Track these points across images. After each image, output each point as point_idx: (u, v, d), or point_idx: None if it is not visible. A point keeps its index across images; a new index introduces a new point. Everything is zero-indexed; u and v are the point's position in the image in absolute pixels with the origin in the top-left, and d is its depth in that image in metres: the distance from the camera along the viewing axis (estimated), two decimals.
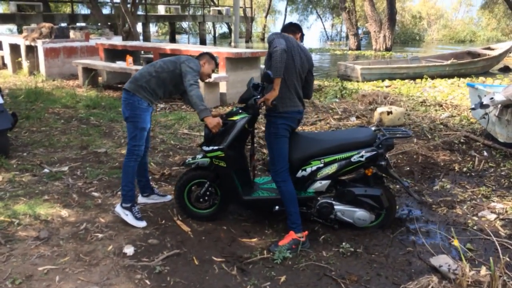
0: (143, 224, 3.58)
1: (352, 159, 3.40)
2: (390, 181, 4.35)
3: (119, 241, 3.33)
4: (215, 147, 3.39)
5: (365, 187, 3.50)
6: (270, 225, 3.65)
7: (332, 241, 3.43)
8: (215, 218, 3.70)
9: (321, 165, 3.43)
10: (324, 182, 3.46)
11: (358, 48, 24.50)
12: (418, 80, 11.91)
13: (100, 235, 3.40)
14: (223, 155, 3.39)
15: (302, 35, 3.62)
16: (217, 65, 3.74)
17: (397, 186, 4.54)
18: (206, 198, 3.61)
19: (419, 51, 24.86)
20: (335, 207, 3.48)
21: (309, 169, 3.44)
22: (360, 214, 3.48)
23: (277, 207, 3.48)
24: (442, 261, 3.05)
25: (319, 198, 3.51)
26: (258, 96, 3.32)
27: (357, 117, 7.00)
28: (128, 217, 3.59)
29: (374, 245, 3.39)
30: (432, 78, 12.20)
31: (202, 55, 3.74)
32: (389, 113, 6.53)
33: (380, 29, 22.26)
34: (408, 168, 4.98)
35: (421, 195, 4.34)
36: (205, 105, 3.39)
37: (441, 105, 8.17)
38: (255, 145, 5.56)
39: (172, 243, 3.34)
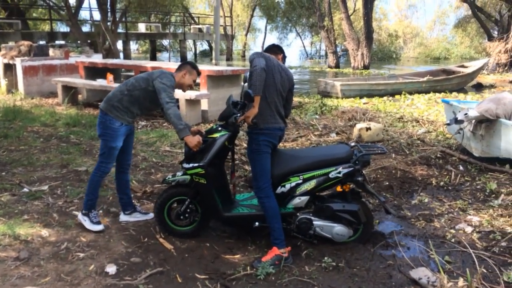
0: (99, 227, 3.72)
1: (330, 175, 3.48)
2: (369, 196, 4.43)
3: (101, 260, 3.30)
4: (195, 164, 3.43)
5: (343, 202, 3.58)
6: (253, 241, 3.67)
7: (314, 256, 3.47)
8: (196, 235, 3.70)
9: (300, 181, 3.49)
10: (303, 198, 3.52)
11: (337, 65, 24.94)
12: (397, 97, 12.20)
13: (81, 255, 3.37)
14: (203, 172, 3.42)
15: (284, 56, 3.74)
16: (199, 74, 3.76)
17: (376, 201, 4.62)
18: (187, 215, 3.62)
19: (396, 68, 25.45)
20: (314, 222, 3.53)
21: (288, 185, 3.50)
22: (339, 229, 3.54)
23: (257, 223, 3.52)
24: (421, 273, 3.12)
25: (298, 214, 3.56)
26: (238, 114, 3.39)
27: (337, 133, 7.12)
28: (86, 222, 3.73)
29: (356, 259, 3.44)
30: (411, 94, 12.52)
31: (183, 65, 3.74)
32: (367, 129, 6.67)
33: (358, 47, 22.74)
34: (387, 183, 5.08)
35: (400, 210, 4.43)
36: (183, 123, 3.41)
37: (418, 121, 8.38)
38: (237, 162, 5.61)
39: (155, 261, 3.33)
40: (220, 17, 24.28)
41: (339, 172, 3.47)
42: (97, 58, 12.21)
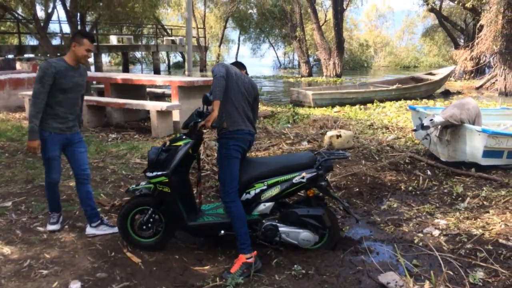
0: (54, 227, 3.91)
1: (293, 181, 3.51)
2: (335, 202, 4.46)
3: (65, 277, 3.21)
4: (159, 173, 3.40)
5: (307, 207, 3.61)
6: (222, 251, 3.64)
7: (284, 264, 3.46)
8: (160, 247, 3.64)
9: (265, 187, 3.51)
10: (268, 204, 3.53)
11: (310, 75, 25.24)
12: (369, 105, 12.40)
13: (44, 272, 3.26)
14: (167, 180, 3.39)
15: (246, 72, 3.76)
16: (92, 41, 3.63)
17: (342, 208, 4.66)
18: (150, 225, 3.57)
19: (368, 77, 25.91)
20: (279, 229, 3.54)
21: (253, 192, 3.51)
22: (305, 235, 3.55)
23: (223, 232, 3.50)
24: (390, 278, 3.14)
25: (264, 220, 3.56)
26: (199, 120, 3.39)
27: (309, 141, 7.17)
28: (47, 224, 3.96)
29: (325, 266, 3.44)
30: (381, 102, 12.75)
31: (73, 36, 3.67)
32: (338, 136, 6.74)
33: (330, 57, 23.10)
34: (357, 189, 5.13)
35: (369, 215, 4.48)
36: (34, 125, 3.54)
37: (388, 128, 8.52)
38: (209, 172, 5.58)
39: (121, 276, 3.25)
40: (193, 28, 24.32)
41: (303, 177, 3.51)
42: None
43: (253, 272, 3.25)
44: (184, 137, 3.47)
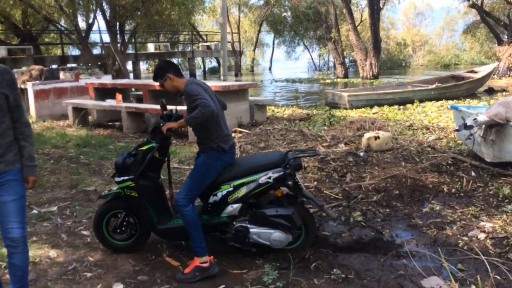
0: None
1: (260, 181, 3.47)
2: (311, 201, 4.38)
3: (108, 280, 3.29)
4: (126, 178, 3.45)
5: (276, 207, 3.54)
6: (260, 255, 3.63)
7: (323, 268, 3.41)
8: (136, 249, 3.70)
9: (231, 188, 3.47)
10: (235, 205, 3.49)
11: (346, 76, 24.94)
12: (408, 105, 12.09)
13: (88, 274, 3.37)
14: (134, 185, 3.43)
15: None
16: None
17: (386, 210, 4.56)
18: (124, 228, 3.61)
19: (406, 76, 25.33)
20: (250, 230, 3.50)
21: (219, 194, 3.48)
22: (276, 235, 3.49)
23: None
24: (433, 282, 3.05)
25: (234, 222, 3.53)
26: (161, 124, 3.43)
27: (346, 144, 7.07)
28: None
29: (366, 270, 3.37)
30: (421, 102, 12.41)
31: None
32: (376, 138, 6.61)
33: (366, 57, 22.74)
34: (397, 192, 5.00)
35: (410, 218, 4.36)
36: None
37: (428, 128, 8.28)
38: None
39: (162, 279, 3.31)
40: (228, 33, 24.53)
41: (270, 177, 3.46)
42: (107, 79, 12.37)
43: (211, 275, 3.29)
44: (151, 140, 3.49)
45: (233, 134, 8.20)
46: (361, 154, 6.32)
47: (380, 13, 24.27)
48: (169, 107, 3.72)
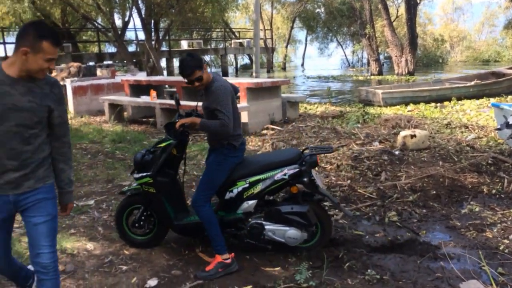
0: None
1: (275, 178, 3.44)
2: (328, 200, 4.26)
3: (142, 273, 3.35)
4: (144, 174, 3.49)
5: (292, 204, 3.50)
6: (293, 253, 3.61)
7: (357, 268, 3.36)
8: (155, 244, 3.75)
9: (247, 185, 3.46)
10: (251, 202, 3.48)
11: (380, 73, 24.48)
12: (445, 103, 11.74)
13: (124, 267, 3.43)
14: (152, 181, 3.47)
15: None
16: (57, 43, 2.19)
17: (422, 211, 4.44)
18: (142, 223, 3.66)
19: (443, 73, 24.65)
20: (265, 227, 3.47)
21: (235, 190, 3.47)
22: (291, 232, 3.45)
23: None
24: (472, 286, 2.96)
25: (250, 219, 3.52)
26: (176, 120, 3.44)
27: (380, 142, 6.93)
28: None
29: (401, 271, 3.30)
30: (459, 99, 12.04)
31: (24, 34, 2.16)
32: (412, 136, 6.45)
33: (402, 54, 22.25)
34: (434, 192, 4.87)
35: (448, 219, 4.23)
36: None
37: (467, 127, 8.02)
38: None
39: (195, 274, 3.33)
40: (260, 30, 24.55)
41: (285, 174, 3.44)
42: (142, 76, 12.60)
43: (229, 273, 3.28)
44: (168, 138, 3.52)
45: (265, 131, 8.20)
46: (397, 152, 6.18)
47: (417, 8, 23.65)
48: (186, 103, 3.75)
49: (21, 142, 2.22)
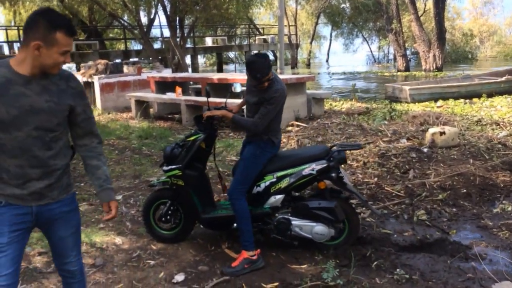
0: None
1: (303, 173, 3.43)
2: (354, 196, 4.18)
3: (170, 268, 3.38)
4: (173, 166, 3.52)
5: (319, 200, 3.48)
6: (320, 251, 3.58)
7: (385, 267, 3.31)
8: (181, 238, 3.77)
9: (274, 179, 3.46)
10: (278, 197, 3.48)
11: (407, 69, 24.06)
12: (475, 99, 11.44)
13: (152, 262, 3.47)
14: (181, 174, 3.50)
15: None
16: (72, 32, 1.92)
17: (452, 209, 4.34)
18: (168, 217, 3.68)
19: (472, 69, 24.04)
20: (292, 222, 3.46)
21: (263, 185, 3.48)
22: (318, 228, 3.43)
23: (235, 225, 3.50)
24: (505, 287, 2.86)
25: (276, 214, 3.51)
26: (205, 112, 3.48)
27: (408, 139, 6.80)
28: None
29: (431, 271, 3.23)
30: (490, 96, 11.70)
31: (32, 25, 1.89)
32: (442, 133, 6.31)
33: (429, 49, 21.80)
34: (464, 190, 4.75)
35: (479, 219, 4.12)
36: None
37: (498, 124, 7.79)
38: None
39: (221, 270, 3.34)
40: (285, 26, 24.43)
41: (313, 169, 3.42)
42: (167, 73, 12.71)
43: (255, 269, 3.28)
44: (197, 132, 3.56)
45: (290, 128, 8.16)
46: (425, 150, 6.05)
47: (445, 2, 23.11)
48: (213, 99, 3.78)
49: (42, 148, 2.00)
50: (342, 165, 4.01)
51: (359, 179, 5.21)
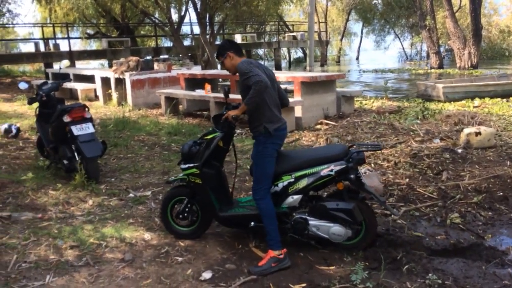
0: None
1: (321, 173, 3.39)
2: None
3: (197, 265, 3.39)
4: (191, 165, 3.53)
5: (337, 201, 3.43)
6: (349, 253, 3.51)
7: (417, 271, 3.22)
8: (197, 235, 3.79)
9: (292, 180, 3.43)
10: (296, 197, 3.45)
11: (441, 66, 23.44)
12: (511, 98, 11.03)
13: (180, 259, 3.49)
14: (198, 172, 3.51)
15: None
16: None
17: (488, 213, 4.19)
18: (186, 214, 3.71)
19: (510, 67, 23.21)
20: (309, 222, 3.42)
21: (281, 184, 3.45)
22: (335, 229, 3.38)
23: (252, 223, 3.49)
24: None
25: (294, 214, 3.47)
26: (224, 112, 3.46)
27: (441, 139, 6.61)
28: None
29: (465, 277, 3.12)
30: None
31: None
32: (477, 134, 6.10)
33: (464, 46, 21.18)
34: (501, 193, 4.57)
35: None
36: None
37: None
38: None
39: (248, 269, 3.32)
40: (315, 23, 24.21)
41: (331, 170, 3.38)
42: (197, 70, 12.79)
43: (282, 268, 3.26)
44: (215, 130, 3.54)
45: (319, 126, 8.07)
46: (459, 151, 5.87)
47: None
48: (235, 96, 3.79)
49: None
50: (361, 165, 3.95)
51: (389, 179, 5.10)
